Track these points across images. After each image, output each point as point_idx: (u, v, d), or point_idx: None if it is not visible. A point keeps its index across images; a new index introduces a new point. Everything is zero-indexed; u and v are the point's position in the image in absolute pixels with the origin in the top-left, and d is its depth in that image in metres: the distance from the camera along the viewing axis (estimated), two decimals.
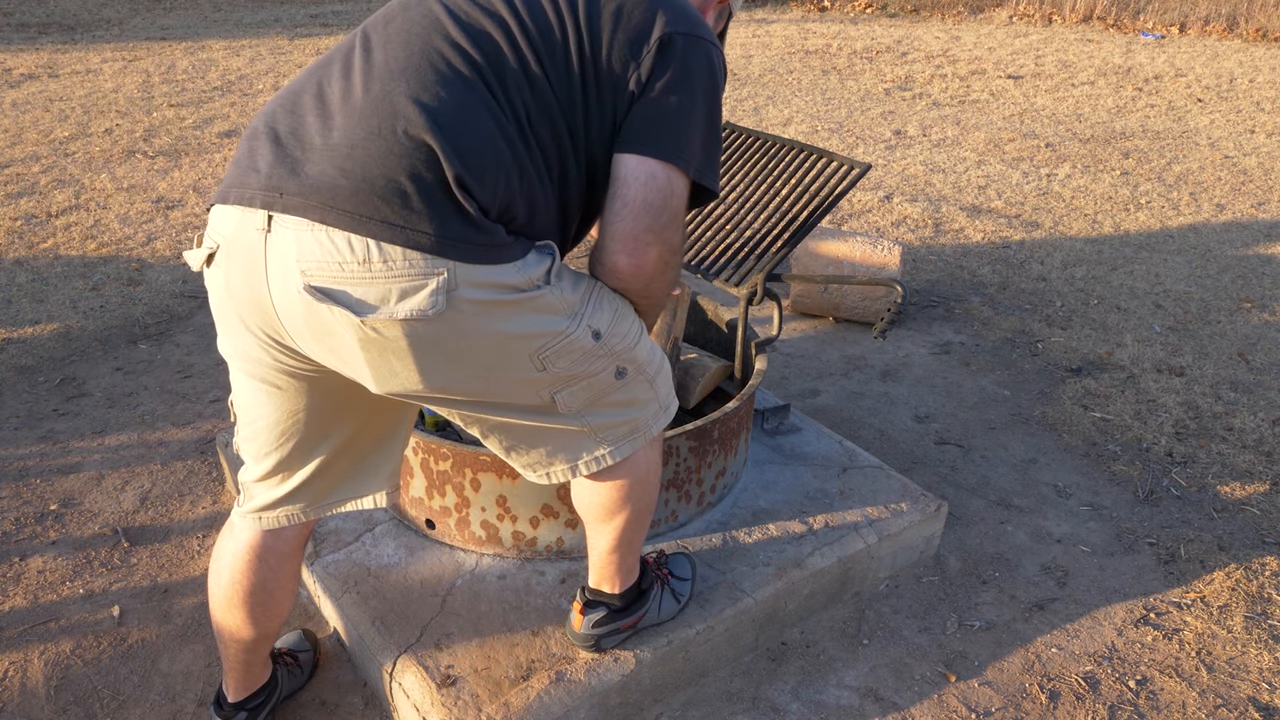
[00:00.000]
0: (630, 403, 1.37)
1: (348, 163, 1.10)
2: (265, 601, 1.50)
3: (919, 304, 3.56)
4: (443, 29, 1.17)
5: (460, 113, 1.12)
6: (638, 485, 1.46)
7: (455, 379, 1.20)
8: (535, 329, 1.20)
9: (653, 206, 1.20)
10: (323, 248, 1.09)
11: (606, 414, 1.35)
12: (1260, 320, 3.50)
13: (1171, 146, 5.73)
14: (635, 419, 1.39)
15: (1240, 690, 1.88)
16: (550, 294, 1.21)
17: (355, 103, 1.13)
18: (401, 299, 1.10)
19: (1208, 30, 9.69)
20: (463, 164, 1.10)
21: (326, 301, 1.10)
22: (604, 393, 1.33)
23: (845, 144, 5.56)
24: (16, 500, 2.32)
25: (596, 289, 1.29)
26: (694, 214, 2.25)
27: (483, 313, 1.15)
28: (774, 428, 2.36)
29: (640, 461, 1.44)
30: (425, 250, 1.09)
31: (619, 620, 1.66)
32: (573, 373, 1.27)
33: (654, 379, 1.40)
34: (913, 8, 10.77)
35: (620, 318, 1.32)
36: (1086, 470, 2.57)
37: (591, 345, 1.26)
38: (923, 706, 1.81)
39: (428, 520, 1.95)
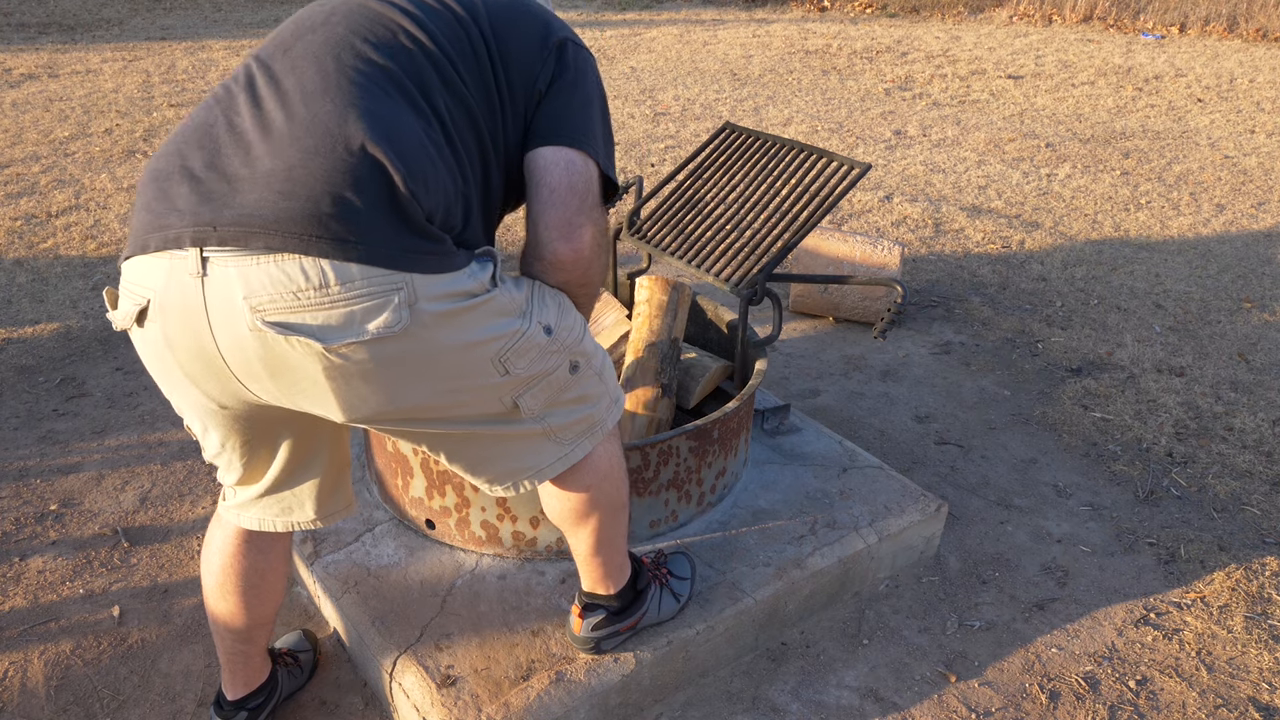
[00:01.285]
0: (583, 398, 1.38)
1: (288, 185, 1.06)
2: (257, 584, 1.51)
3: (919, 304, 3.56)
4: (353, 47, 1.16)
5: (394, 122, 1.11)
6: (604, 482, 1.46)
7: (423, 394, 1.18)
8: (493, 332, 1.20)
9: (578, 189, 1.24)
10: (273, 280, 1.05)
11: (564, 413, 1.36)
12: (1260, 320, 3.50)
13: (1171, 146, 5.73)
14: (590, 415, 1.40)
15: (1240, 690, 1.88)
16: (500, 295, 1.21)
17: (279, 129, 1.09)
18: (365, 319, 1.08)
19: (1208, 30, 9.69)
20: (408, 171, 1.10)
21: (287, 334, 1.06)
22: (561, 390, 1.33)
23: (845, 144, 5.56)
24: (16, 500, 2.32)
25: (537, 287, 1.31)
26: (694, 214, 2.25)
27: (444, 323, 1.14)
28: (774, 428, 2.36)
29: (601, 457, 1.45)
30: (382, 265, 1.07)
31: (618, 622, 1.66)
32: (532, 372, 1.27)
33: (601, 372, 1.41)
34: (913, 8, 10.77)
35: (564, 312, 1.33)
36: (1086, 470, 2.57)
37: (545, 341, 1.27)
38: (923, 706, 1.81)
39: (428, 520, 1.95)
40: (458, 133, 1.20)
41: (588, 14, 9.91)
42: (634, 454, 1.83)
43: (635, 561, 1.70)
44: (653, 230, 2.28)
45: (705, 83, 7.00)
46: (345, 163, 1.07)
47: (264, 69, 1.17)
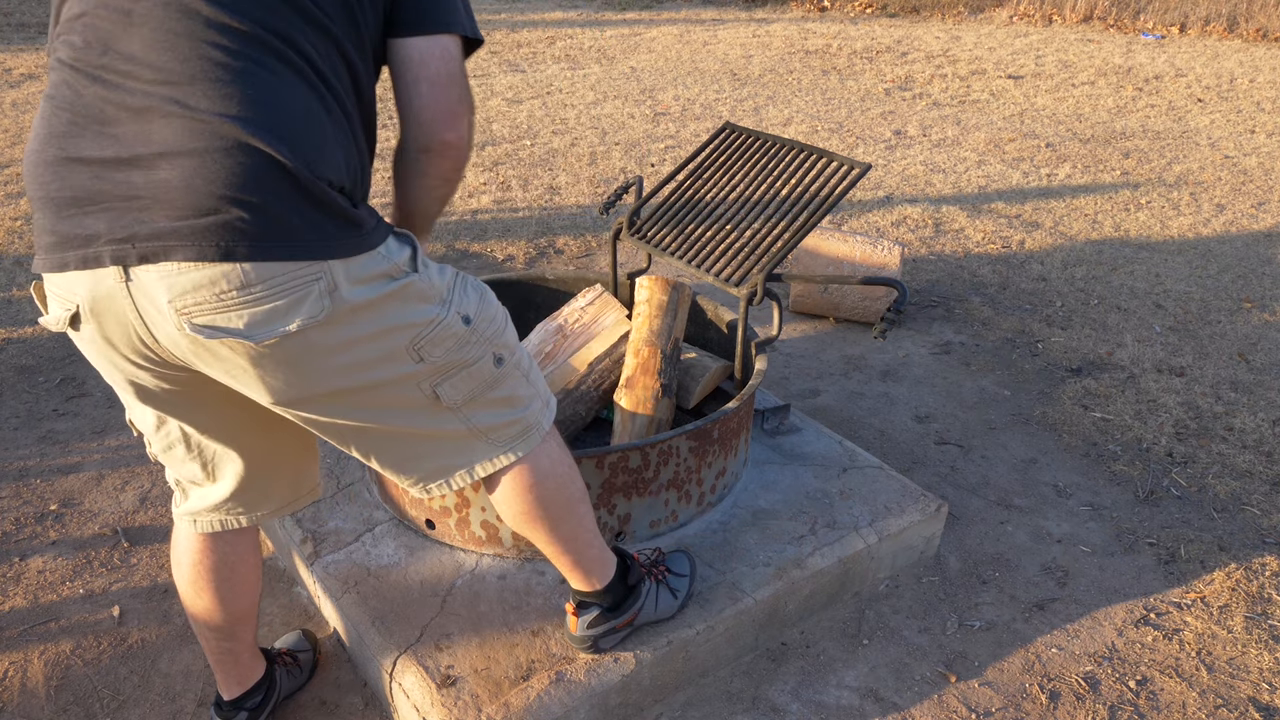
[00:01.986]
0: (511, 401, 1.36)
1: (190, 197, 1.04)
2: (229, 578, 1.50)
3: (919, 304, 3.56)
4: (199, 13, 1.06)
5: (271, 103, 1.07)
6: (546, 480, 1.44)
7: (343, 379, 1.19)
8: (409, 319, 1.20)
9: (455, 77, 1.22)
10: (195, 285, 1.06)
11: (492, 414, 1.34)
12: (1260, 320, 3.50)
13: (1171, 146, 5.73)
14: (522, 419, 1.38)
15: (1240, 690, 1.88)
16: (419, 281, 1.21)
17: (160, 135, 1.04)
18: (289, 312, 1.09)
19: (1208, 30, 9.69)
20: (301, 156, 1.08)
21: (216, 336, 1.09)
22: (486, 385, 1.32)
23: (845, 144, 5.56)
24: (16, 500, 2.32)
25: (460, 276, 1.31)
26: (694, 214, 2.25)
27: (363, 308, 1.15)
28: (774, 428, 2.36)
29: (540, 457, 1.43)
30: (300, 258, 1.08)
31: (613, 619, 1.65)
32: (449, 360, 1.26)
33: (529, 374, 1.41)
34: (913, 8, 10.77)
35: (485, 302, 1.32)
36: (1086, 470, 2.57)
37: (464, 331, 1.27)
38: (923, 706, 1.81)
39: (428, 520, 1.95)
40: (333, 73, 1.16)
41: (588, 14, 9.91)
42: (634, 454, 1.83)
43: (624, 556, 1.69)
44: (653, 230, 2.28)
45: (705, 83, 7.00)
46: (238, 164, 1.04)
47: (108, 47, 1.07)
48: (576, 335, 2.29)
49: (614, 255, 2.38)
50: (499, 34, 8.58)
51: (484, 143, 5.34)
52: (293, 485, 1.49)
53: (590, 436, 2.27)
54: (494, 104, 6.16)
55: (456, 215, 4.26)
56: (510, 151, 5.20)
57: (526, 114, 5.96)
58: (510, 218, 4.26)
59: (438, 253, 3.84)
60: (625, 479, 1.85)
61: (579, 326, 2.30)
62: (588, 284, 2.51)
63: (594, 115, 5.99)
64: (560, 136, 5.50)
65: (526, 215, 4.29)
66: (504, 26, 8.97)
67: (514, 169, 4.92)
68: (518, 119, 5.84)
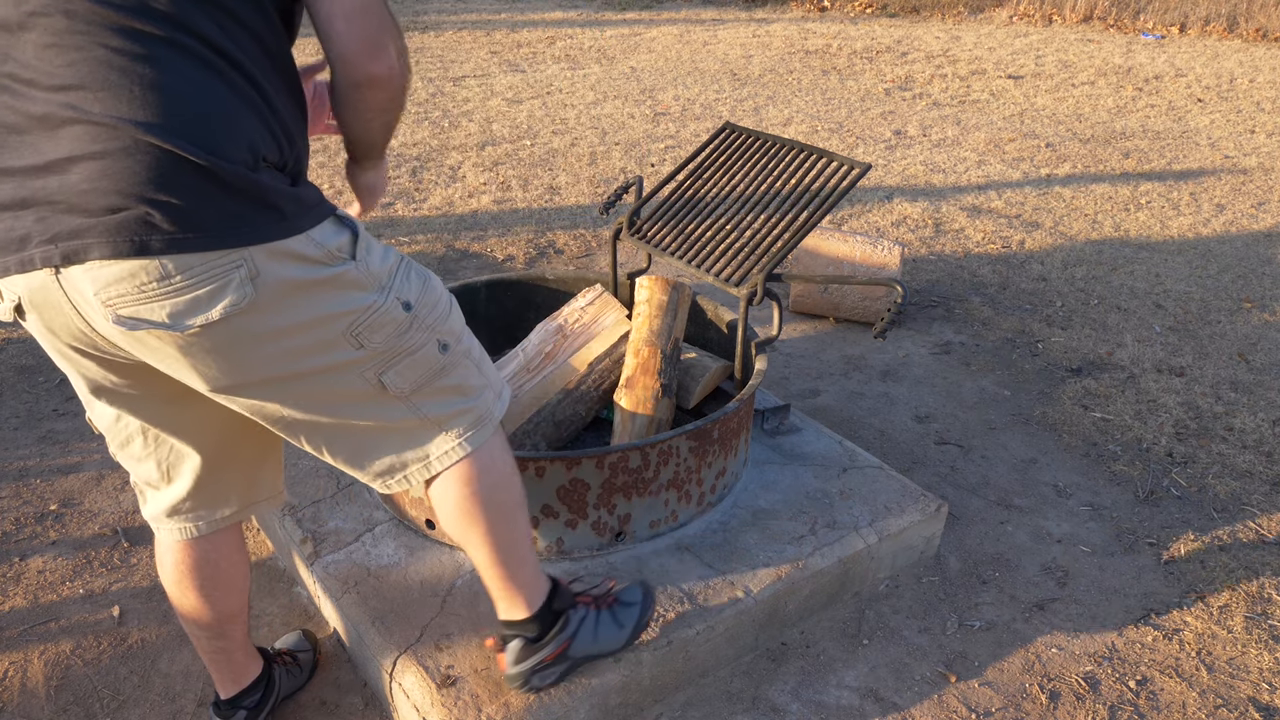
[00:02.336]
0: (461, 389, 1.35)
1: (97, 197, 1.04)
2: (213, 577, 1.50)
3: (919, 304, 3.56)
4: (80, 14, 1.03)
5: (158, 93, 1.04)
6: (492, 477, 1.41)
7: (280, 367, 1.18)
8: (345, 305, 1.19)
9: (371, 6, 1.15)
10: (118, 278, 1.07)
11: (442, 403, 1.33)
12: (1260, 320, 3.50)
13: (1171, 146, 5.73)
14: (473, 407, 1.37)
15: (1240, 690, 1.88)
16: (354, 270, 1.19)
17: (63, 139, 1.04)
18: (211, 301, 1.09)
19: (1208, 30, 9.69)
20: (204, 145, 1.05)
21: (139, 328, 1.10)
22: (434, 374, 1.30)
23: (845, 144, 5.56)
24: (16, 500, 2.32)
25: (403, 261, 1.29)
26: (694, 214, 2.25)
27: (292, 294, 1.14)
28: (774, 428, 2.36)
29: (487, 454, 1.40)
30: (217, 247, 1.07)
31: (539, 651, 1.56)
32: (390, 347, 1.25)
33: (480, 363, 1.39)
34: (913, 8, 10.77)
35: (429, 288, 1.31)
36: (1086, 470, 2.57)
37: (404, 317, 1.25)
38: (923, 706, 1.81)
39: (428, 520, 1.95)
40: (235, 44, 1.10)
41: (588, 14, 9.91)
42: (634, 454, 1.83)
43: (552, 582, 1.59)
44: (653, 230, 2.28)
45: (705, 83, 7.00)
46: (140, 164, 1.04)
47: (7, 55, 1.05)
48: (576, 335, 2.29)
49: (614, 255, 2.38)
50: (499, 34, 8.58)
51: (484, 143, 5.34)
52: (250, 485, 1.47)
53: (590, 436, 2.27)
54: (494, 104, 6.17)
55: (457, 215, 4.26)
56: (510, 151, 5.20)
57: (526, 114, 5.96)
58: (510, 218, 4.26)
59: (437, 253, 3.85)
60: (625, 479, 1.85)
61: (579, 326, 2.30)
62: (588, 284, 2.51)
63: (594, 115, 5.99)
64: (560, 136, 5.51)
65: (526, 215, 4.29)
66: (504, 26, 8.97)
67: (514, 169, 4.92)
68: (518, 119, 5.84)
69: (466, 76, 6.88)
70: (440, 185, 4.65)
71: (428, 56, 7.48)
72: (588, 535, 1.89)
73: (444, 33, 8.49)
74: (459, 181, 4.71)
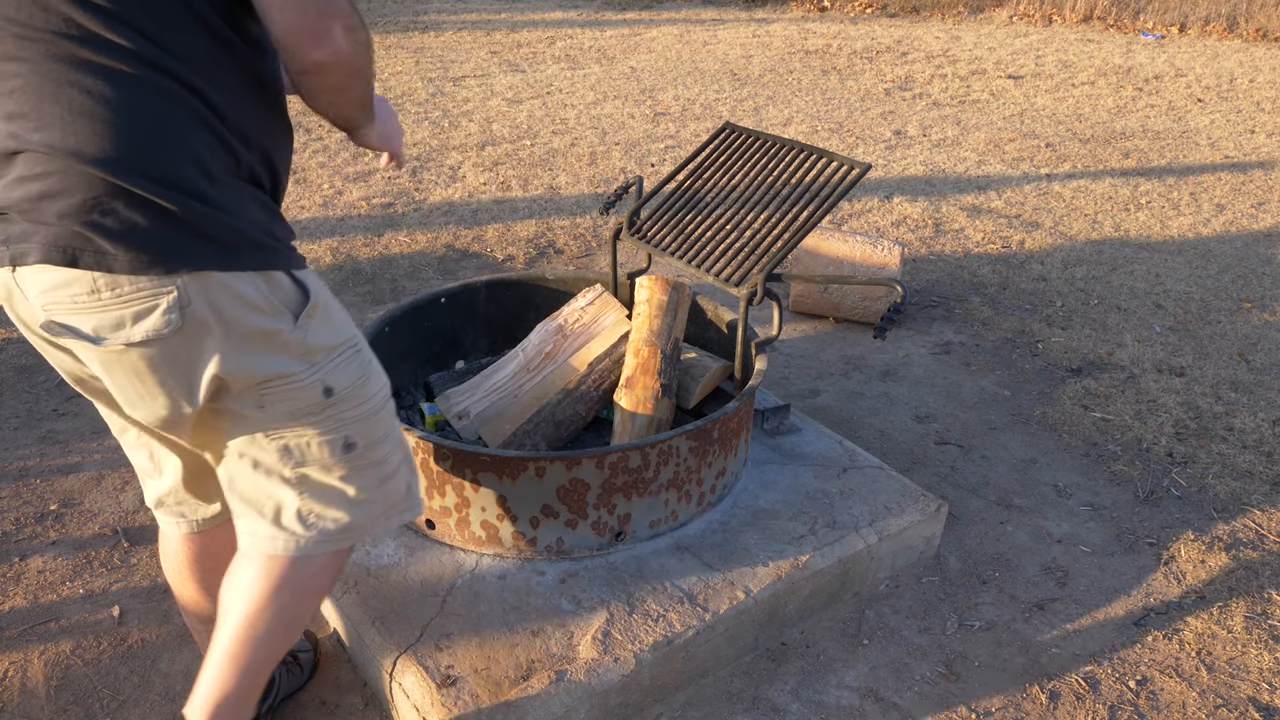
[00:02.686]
0: (346, 494, 1.29)
1: (40, 213, 1.05)
2: (214, 569, 1.50)
3: (919, 304, 3.56)
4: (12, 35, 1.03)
5: (90, 120, 1.03)
6: (301, 594, 1.34)
7: (186, 399, 1.17)
8: (260, 363, 1.15)
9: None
10: (54, 285, 1.08)
11: (320, 493, 1.28)
12: (1260, 320, 3.50)
13: (1171, 146, 5.73)
14: (347, 517, 1.31)
15: (1240, 690, 1.88)
16: (289, 333, 1.16)
17: (14, 163, 1.06)
18: (136, 322, 1.09)
19: (1208, 30, 9.69)
20: (131, 171, 1.04)
21: (63, 335, 1.10)
22: (324, 465, 1.26)
23: (845, 144, 5.56)
24: (16, 500, 2.32)
25: (354, 349, 1.24)
26: (694, 214, 2.25)
27: (217, 330, 1.11)
28: (774, 428, 2.36)
29: (315, 566, 1.34)
30: (144, 271, 1.07)
31: None
32: (293, 421, 1.20)
33: (387, 477, 1.32)
34: (913, 8, 10.77)
35: (365, 384, 1.26)
36: (1086, 470, 2.57)
37: (318, 400, 1.21)
38: (923, 706, 1.81)
39: (428, 520, 1.95)
40: (177, 57, 1.06)
41: (588, 14, 9.91)
42: (634, 454, 1.83)
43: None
44: (653, 230, 2.28)
45: (705, 83, 7.00)
46: (77, 190, 1.04)
47: None
48: (576, 335, 2.29)
49: (614, 255, 2.38)
50: (499, 34, 8.58)
51: (484, 143, 5.34)
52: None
53: (590, 436, 2.27)
54: (494, 104, 6.16)
55: (456, 215, 4.26)
56: (510, 151, 5.20)
57: (526, 114, 5.96)
58: (510, 218, 4.26)
59: (437, 253, 3.85)
60: (625, 479, 1.85)
61: (579, 326, 2.30)
62: (588, 284, 2.51)
63: (594, 115, 5.99)
64: (560, 136, 5.50)
65: (526, 215, 4.29)
66: (504, 26, 8.97)
67: (514, 169, 4.92)
68: (518, 119, 5.84)
69: (466, 76, 6.88)
70: (440, 185, 4.65)
71: (428, 56, 7.48)
72: (588, 535, 1.89)
73: (444, 33, 8.49)
74: (459, 181, 4.71)
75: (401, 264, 3.74)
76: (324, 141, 5.22)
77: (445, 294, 2.44)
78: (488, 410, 2.18)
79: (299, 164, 4.85)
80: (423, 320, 2.40)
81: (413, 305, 2.36)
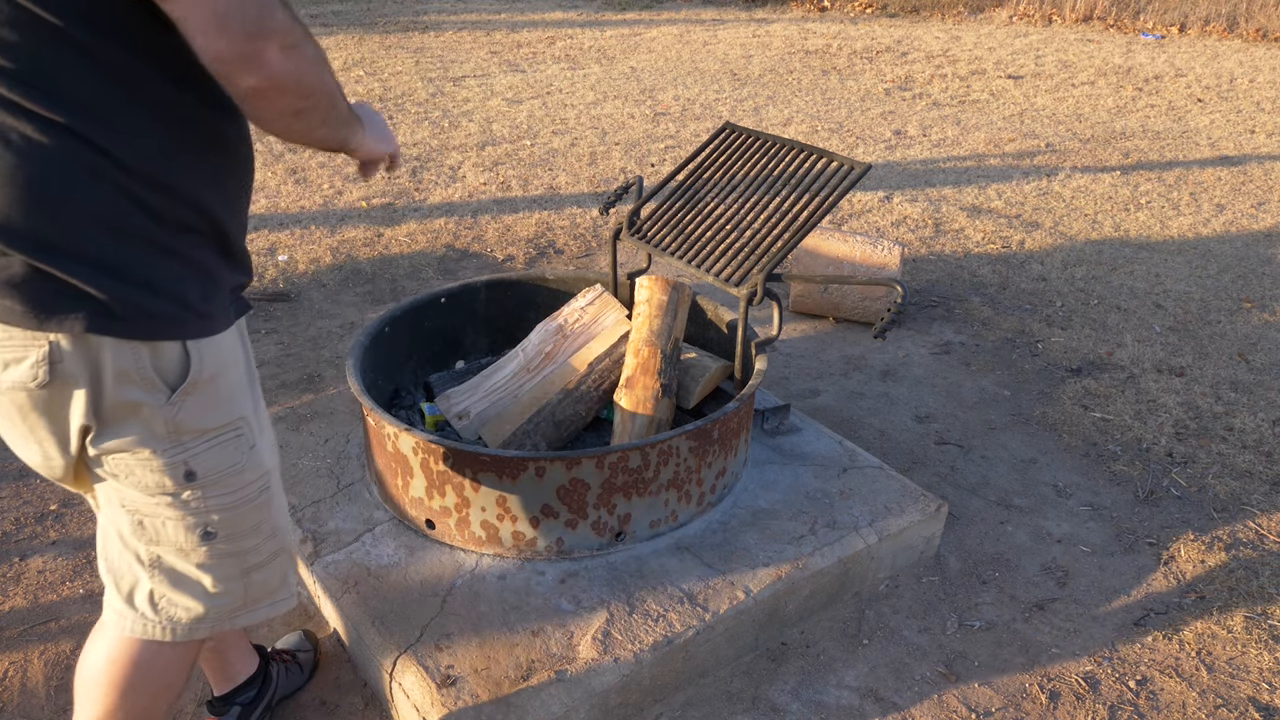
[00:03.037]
0: (201, 582, 1.23)
1: None
2: None
3: (919, 304, 3.56)
4: None
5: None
6: (150, 680, 1.28)
7: (51, 452, 1.14)
8: (119, 434, 1.11)
9: (226, 16, 0.95)
10: None
11: (174, 578, 1.21)
12: (1260, 320, 3.50)
13: (1171, 146, 5.73)
14: (200, 606, 1.24)
15: (1240, 690, 1.88)
16: (158, 409, 1.10)
17: None
18: (5, 369, 1.07)
19: (1208, 30, 9.69)
20: (14, 232, 0.99)
21: None
22: (178, 550, 1.20)
23: (845, 144, 5.56)
24: (16, 500, 2.32)
25: (236, 436, 1.18)
26: (694, 214, 2.25)
27: (84, 389, 1.07)
28: (774, 428, 2.36)
29: (167, 655, 1.28)
30: (15, 324, 1.04)
31: None
32: (147, 500, 1.15)
33: (256, 568, 1.26)
34: (913, 8, 10.76)
35: (237, 472, 1.19)
36: (1086, 470, 2.57)
37: (175, 484, 1.15)
38: (923, 706, 1.81)
39: (428, 520, 1.95)
40: (71, 103, 0.98)
41: (588, 14, 9.91)
42: (634, 454, 1.83)
43: None
44: (653, 230, 2.28)
45: (705, 83, 6.99)
46: None
47: None
48: (576, 335, 2.29)
49: (614, 255, 2.38)
50: (499, 34, 8.58)
51: (484, 143, 5.34)
52: None
53: (590, 436, 2.27)
54: (494, 104, 6.16)
55: (457, 215, 4.26)
56: (510, 151, 5.20)
57: (526, 114, 5.96)
58: (510, 218, 4.26)
59: (437, 253, 3.85)
60: (625, 479, 1.85)
61: (579, 326, 2.30)
62: (588, 284, 2.51)
63: (594, 115, 5.99)
64: (560, 136, 5.50)
65: (526, 215, 4.29)
66: (504, 26, 8.97)
67: (514, 169, 4.92)
68: (518, 119, 5.84)
69: (466, 76, 6.88)
70: (440, 185, 4.64)
71: (428, 56, 7.48)
72: (588, 535, 1.89)
73: (444, 33, 8.49)
74: (459, 181, 4.71)
75: (401, 264, 3.73)
76: None
77: (445, 294, 2.44)
78: (488, 410, 2.18)
79: (299, 164, 4.85)
80: (423, 320, 2.40)
81: (413, 305, 2.36)
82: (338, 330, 3.20)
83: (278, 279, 3.57)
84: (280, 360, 2.99)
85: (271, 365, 2.96)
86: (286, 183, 4.59)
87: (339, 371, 2.93)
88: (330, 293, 3.48)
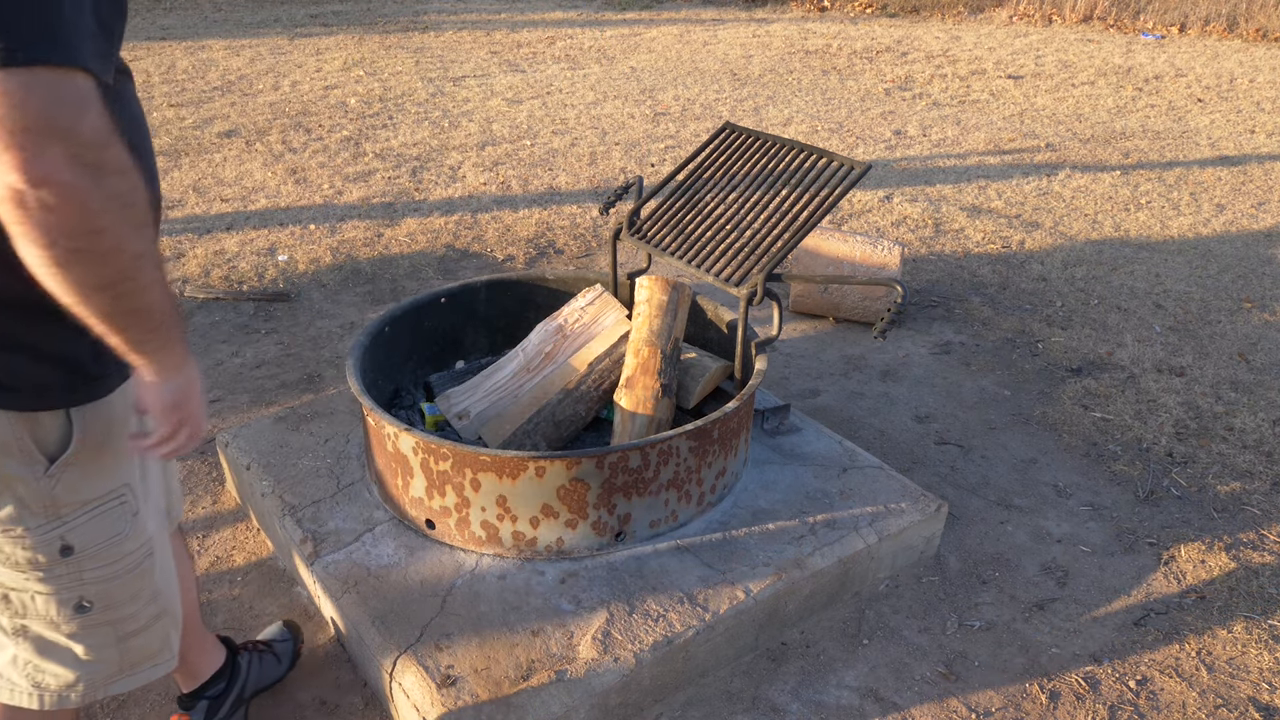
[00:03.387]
0: (74, 652, 1.15)
1: None
2: None
3: (919, 304, 3.56)
4: None
5: None
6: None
7: None
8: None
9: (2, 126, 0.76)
10: None
11: (43, 645, 1.14)
12: (1260, 320, 3.50)
13: (1171, 146, 5.73)
14: (70, 673, 1.16)
15: (1240, 690, 1.88)
16: (34, 482, 1.02)
17: None
18: None
19: (1208, 30, 9.69)
20: None
21: None
22: (49, 622, 1.12)
23: (845, 144, 5.56)
24: None
25: (117, 507, 1.09)
26: (694, 214, 2.25)
27: None
28: (774, 428, 2.36)
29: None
30: None
31: None
32: (15, 574, 1.07)
33: (134, 634, 1.19)
34: (913, 8, 10.76)
35: (118, 543, 1.11)
36: (1086, 470, 2.57)
37: (49, 558, 1.07)
38: (923, 707, 1.81)
39: (428, 520, 1.95)
40: None
41: (588, 14, 9.91)
42: (634, 454, 1.83)
43: None
44: (653, 230, 2.28)
45: (705, 83, 6.99)
46: None
47: None
48: (576, 335, 2.29)
49: (614, 255, 2.38)
50: (499, 34, 8.58)
51: (484, 143, 5.34)
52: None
53: (590, 436, 2.27)
54: (494, 104, 6.16)
55: (457, 215, 4.26)
56: (510, 151, 5.20)
57: (526, 114, 5.96)
58: (510, 218, 4.26)
59: (437, 253, 3.85)
60: (625, 479, 1.85)
61: (579, 326, 2.30)
62: (588, 284, 2.51)
63: (594, 115, 5.99)
64: (560, 136, 5.50)
65: (526, 215, 4.29)
66: (504, 26, 8.97)
67: (514, 169, 4.92)
68: (518, 119, 5.84)
69: (466, 76, 6.88)
70: (440, 185, 4.64)
71: (428, 56, 7.48)
72: (588, 535, 1.89)
73: (444, 33, 8.49)
74: (459, 181, 4.71)
75: (401, 264, 3.73)
76: (324, 141, 5.22)
77: (445, 294, 2.44)
78: (488, 410, 2.18)
79: (299, 164, 4.85)
80: (423, 320, 2.40)
81: (413, 305, 2.36)
82: (338, 330, 3.20)
83: (278, 279, 3.57)
84: (280, 360, 2.99)
85: (271, 365, 2.96)
86: (286, 183, 4.59)
87: (339, 371, 2.93)
88: (330, 292, 3.48)
